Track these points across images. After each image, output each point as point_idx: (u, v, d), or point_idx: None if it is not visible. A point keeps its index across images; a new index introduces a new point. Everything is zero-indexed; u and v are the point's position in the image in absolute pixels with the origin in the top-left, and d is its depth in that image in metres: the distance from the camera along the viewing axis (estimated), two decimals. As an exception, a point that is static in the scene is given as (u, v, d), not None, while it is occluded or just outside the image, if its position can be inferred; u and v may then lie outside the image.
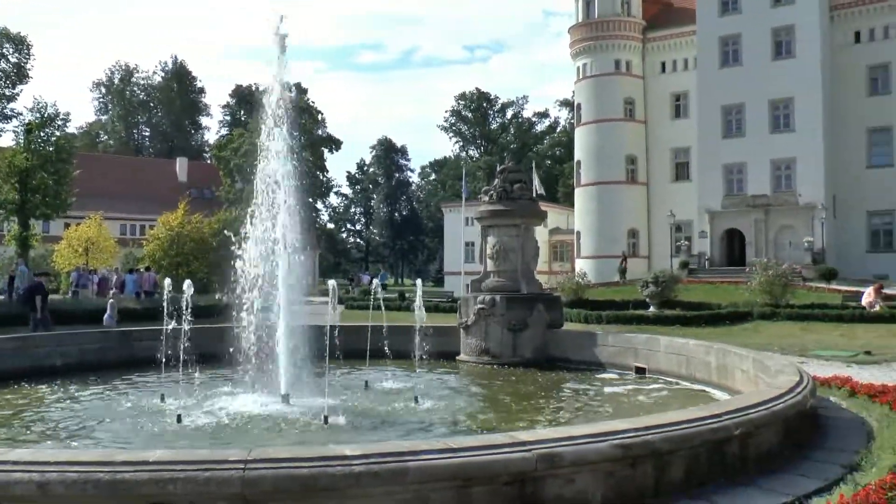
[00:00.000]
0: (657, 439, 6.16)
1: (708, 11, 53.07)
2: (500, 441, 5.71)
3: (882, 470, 6.64)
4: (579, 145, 61.07)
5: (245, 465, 4.94)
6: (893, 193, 50.20)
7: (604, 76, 58.93)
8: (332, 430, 9.21)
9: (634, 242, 58.62)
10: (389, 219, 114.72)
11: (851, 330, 24.46)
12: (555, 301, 17.49)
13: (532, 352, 15.93)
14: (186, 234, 42.66)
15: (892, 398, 10.03)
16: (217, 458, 5.10)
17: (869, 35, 52.28)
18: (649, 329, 23.86)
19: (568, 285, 35.66)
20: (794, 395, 8.24)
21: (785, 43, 50.64)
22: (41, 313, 21.73)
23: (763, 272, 31.27)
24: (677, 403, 10.82)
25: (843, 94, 51.50)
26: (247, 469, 4.91)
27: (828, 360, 17.84)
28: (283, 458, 5.11)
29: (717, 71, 52.42)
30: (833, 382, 11.79)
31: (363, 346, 14.16)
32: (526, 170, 26.91)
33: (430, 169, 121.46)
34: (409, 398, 11.32)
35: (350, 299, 40.25)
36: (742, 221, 50.68)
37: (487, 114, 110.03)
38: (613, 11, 59.01)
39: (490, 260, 17.12)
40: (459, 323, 16.68)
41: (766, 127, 50.58)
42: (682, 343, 14.07)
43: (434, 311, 30.26)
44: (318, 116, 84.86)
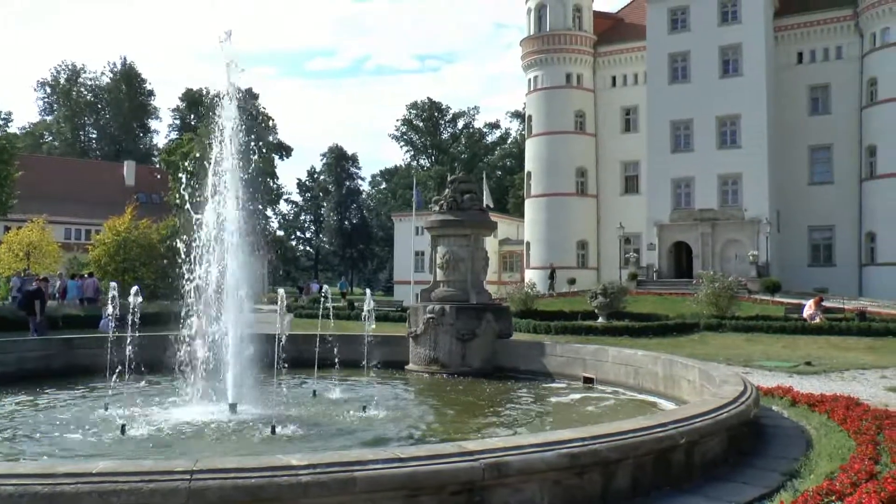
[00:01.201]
0: (604, 448, 6.23)
1: (658, 28, 53.97)
2: (448, 451, 5.72)
3: (819, 477, 6.81)
4: (530, 157, 61.51)
5: (191, 476, 4.86)
6: (833, 210, 51.65)
7: (555, 89, 59.49)
8: (279, 440, 9.13)
9: (584, 254, 59.16)
10: (339, 227, 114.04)
11: (793, 341, 25.03)
12: (504, 311, 17.55)
13: (481, 361, 15.97)
14: (133, 240, 41.88)
15: (830, 407, 10.29)
16: (162, 468, 5.02)
17: (810, 56, 53.86)
18: (598, 340, 24.10)
19: (517, 296, 35.90)
20: (738, 405, 8.40)
21: (732, 61, 51.70)
22: (40, 317, 21.94)
23: (710, 284, 31.86)
24: (624, 413, 10.94)
25: (787, 113, 52.85)
26: (193, 480, 4.84)
27: (771, 371, 18.20)
28: (230, 468, 5.04)
29: (666, 87, 53.26)
30: (776, 392, 12.04)
31: (312, 356, 14.05)
32: (476, 180, 27.07)
33: (380, 178, 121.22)
34: (357, 408, 11.26)
35: (299, 308, 39.93)
36: (689, 234, 51.50)
37: (439, 124, 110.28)
38: (565, 25, 59.64)
39: (440, 270, 17.13)
40: (409, 332, 16.65)
41: (714, 142, 51.52)
42: (630, 353, 14.22)
43: (383, 321, 30.25)
44: (269, 123, 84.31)
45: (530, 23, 61.40)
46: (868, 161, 50.73)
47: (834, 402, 10.62)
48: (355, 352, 14.34)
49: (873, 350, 23.07)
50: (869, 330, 25.92)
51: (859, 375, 17.64)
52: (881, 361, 20.36)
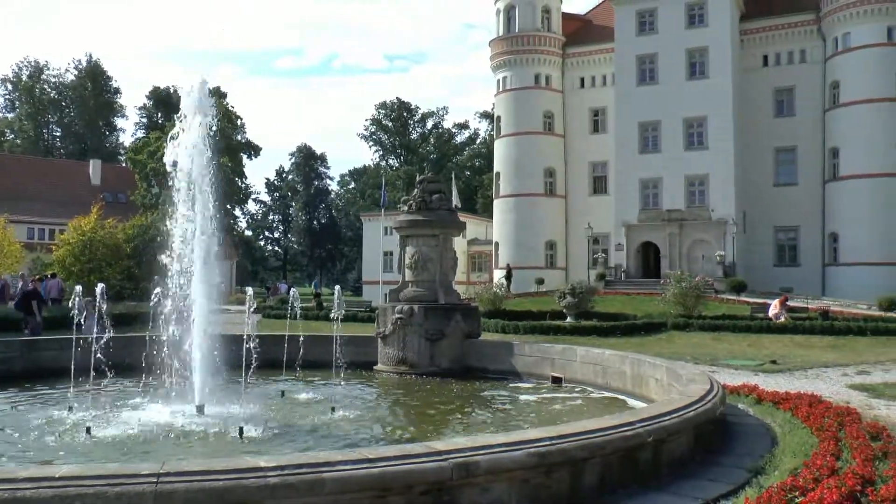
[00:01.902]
0: (572, 447, 6.26)
1: (626, 30, 54.35)
2: (416, 451, 5.71)
3: (783, 473, 6.91)
4: (499, 157, 61.62)
5: (158, 479, 4.80)
6: (798, 210, 52.38)
7: (524, 90, 59.67)
8: (247, 442, 9.05)
9: (552, 254, 59.40)
10: (308, 227, 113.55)
11: (759, 340, 25.37)
12: (473, 311, 17.56)
13: (450, 362, 15.97)
14: (99, 240, 41.35)
15: (794, 405, 10.44)
16: (128, 471, 4.94)
17: (775, 59, 54.61)
18: (566, 339, 24.20)
19: (486, 296, 35.96)
20: (704, 403, 8.48)
21: (699, 63, 52.22)
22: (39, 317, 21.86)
23: (677, 284, 32.14)
24: (592, 412, 11.01)
25: (753, 115, 53.50)
26: (159, 483, 4.77)
27: (737, 369, 18.41)
28: (197, 471, 4.99)
29: (634, 88, 53.64)
30: (741, 390, 12.19)
31: (280, 356, 13.97)
32: (445, 181, 26.99)
33: (349, 177, 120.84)
34: (325, 408, 11.21)
35: (267, 308, 39.69)
36: (657, 235, 51.92)
37: (408, 124, 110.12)
38: (534, 27, 59.83)
39: (408, 270, 17.11)
40: (377, 333, 16.61)
41: (681, 144, 51.99)
42: (598, 353, 14.30)
43: (352, 321, 30.16)
44: (238, 121, 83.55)
45: (499, 24, 61.51)
46: (831, 163, 51.49)
47: (798, 400, 10.77)
48: (324, 352, 14.28)
49: (835, 348, 23.45)
50: (832, 329, 26.37)
51: (822, 373, 17.91)
52: (843, 359, 20.69)
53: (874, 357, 21.08)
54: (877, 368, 18.72)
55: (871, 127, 48.89)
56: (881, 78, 49.31)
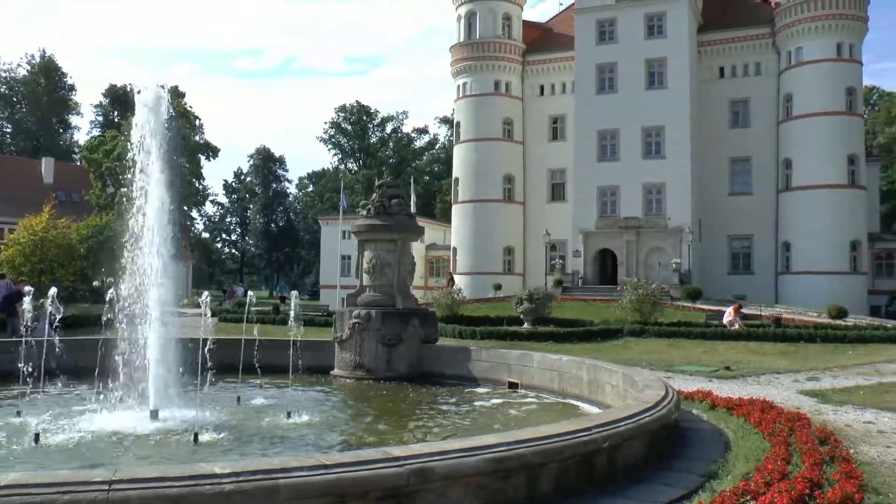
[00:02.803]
0: (528, 453, 6.28)
1: (586, 39, 54.81)
2: (372, 457, 5.68)
3: (736, 478, 7.03)
4: (458, 163, 61.69)
5: (110, 487, 4.71)
6: (752, 219, 53.25)
7: (483, 96, 59.82)
8: (202, 447, 8.96)
9: (510, 260, 59.58)
10: (266, 230, 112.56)
11: (713, 347, 25.73)
12: (430, 316, 17.57)
13: (407, 367, 15.95)
14: (51, 240, 40.51)
15: (746, 410, 10.63)
16: (79, 479, 4.84)
17: (731, 71, 55.55)
18: (523, 345, 24.26)
19: (443, 301, 35.95)
20: (659, 409, 8.57)
21: (657, 73, 52.85)
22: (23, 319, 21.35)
23: (633, 291, 32.48)
24: (548, 417, 11.06)
25: (709, 125, 54.29)
26: (111, 490, 4.68)
27: (692, 375, 18.64)
28: (150, 477, 4.91)
29: (593, 96, 54.09)
30: (696, 396, 12.36)
31: (236, 361, 13.83)
32: (404, 185, 27.06)
33: (308, 180, 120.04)
34: (281, 413, 11.13)
35: (223, 311, 39.26)
36: (614, 242, 52.38)
37: (367, 127, 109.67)
38: (494, 33, 60.04)
39: (366, 274, 17.07)
40: (334, 337, 16.54)
41: (639, 152, 52.51)
42: (555, 359, 14.38)
43: (309, 325, 29.89)
44: (196, 122, 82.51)
45: (460, 30, 61.62)
46: (784, 173, 52.45)
47: (750, 406, 10.96)
48: (280, 357, 14.18)
49: (787, 355, 23.88)
50: (784, 336, 26.86)
51: (774, 379, 18.21)
52: (794, 366, 21.07)
53: (824, 363, 21.50)
54: (826, 375, 19.09)
55: (821, 139, 49.93)
56: (831, 92, 50.44)
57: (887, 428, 11.67)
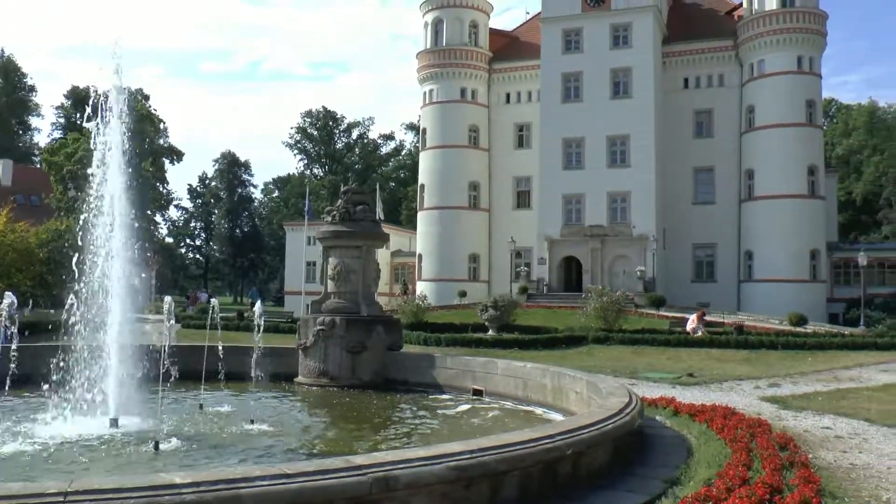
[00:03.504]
0: (492, 460, 6.27)
1: (552, 48, 55.16)
2: (335, 465, 5.63)
3: (698, 483, 7.09)
4: (423, 169, 61.70)
5: (65, 498, 4.59)
6: (715, 228, 53.90)
7: (450, 103, 59.92)
8: (163, 456, 8.82)
9: (475, 267, 59.65)
10: (230, 235, 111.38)
11: (677, 353, 25.97)
12: (394, 323, 17.54)
13: (371, 374, 15.89)
14: (9, 244, 39.72)
15: (709, 417, 10.74)
16: (33, 490, 4.72)
17: (695, 82, 56.29)
18: (488, 352, 24.32)
19: (408, 308, 35.88)
20: (623, 416, 8.61)
21: (622, 83, 53.33)
22: None
23: (598, 299, 32.70)
24: (513, 425, 11.07)
25: (673, 135, 54.91)
26: (67, 502, 4.57)
27: (655, 382, 18.79)
28: (108, 488, 4.79)
29: (559, 105, 54.43)
30: (659, 403, 12.46)
31: (199, 367, 13.68)
32: (369, 191, 26.94)
33: (273, 185, 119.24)
34: (244, 421, 11.01)
35: (187, 318, 38.86)
36: (579, 250, 52.67)
37: (333, 133, 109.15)
38: (461, 41, 60.22)
39: (331, 281, 17.00)
40: (298, 344, 16.43)
41: (604, 161, 52.92)
42: (520, 366, 14.40)
43: (273, 332, 29.74)
44: (160, 125, 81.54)
45: (427, 36, 61.71)
46: (747, 183, 53.19)
47: (713, 412, 11.07)
48: (244, 364, 14.03)
49: (749, 362, 24.17)
50: (746, 343, 27.22)
51: (736, 386, 18.43)
52: (756, 372, 21.34)
53: (784, 370, 21.82)
54: (787, 381, 19.37)
55: (782, 150, 50.77)
56: (792, 104, 51.35)
57: (844, 433, 11.88)
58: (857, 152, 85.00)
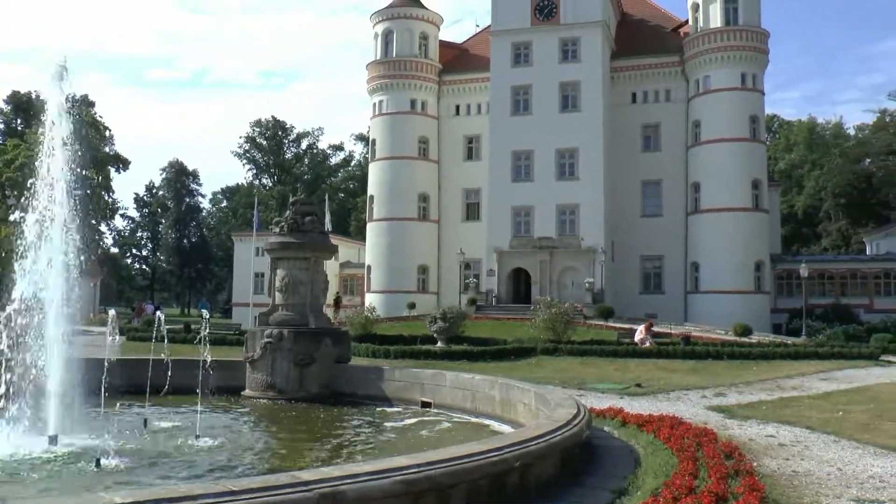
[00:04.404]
0: (439, 474, 6.23)
1: (501, 61, 55.50)
2: (281, 482, 5.54)
3: (645, 493, 7.13)
4: (373, 180, 61.50)
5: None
6: (662, 240, 54.64)
7: (399, 114, 59.87)
8: (104, 474, 8.61)
9: (424, 278, 59.52)
10: (178, 245, 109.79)
11: (625, 364, 26.21)
12: (343, 335, 17.45)
13: (319, 387, 15.76)
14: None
15: (656, 427, 10.83)
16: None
17: (643, 97, 57.12)
18: (437, 364, 24.29)
19: (357, 320, 35.68)
20: (571, 428, 8.65)
21: (571, 97, 53.82)
22: None
23: (547, 310, 32.86)
24: (460, 437, 11.04)
25: (622, 148, 55.58)
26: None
27: (604, 393, 18.92)
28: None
29: (508, 118, 54.72)
30: (607, 413, 12.56)
31: (144, 381, 13.40)
32: (318, 202, 26.76)
33: (221, 195, 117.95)
34: (189, 436, 10.81)
35: (132, 330, 38.15)
36: (528, 261, 52.92)
37: (282, 143, 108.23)
38: (411, 52, 60.27)
39: (279, 293, 16.85)
40: (246, 357, 16.23)
41: (553, 174, 53.28)
42: (468, 378, 14.40)
43: (221, 344, 29.29)
44: (106, 133, 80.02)
45: (377, 47, 61.62)
46: (693, 196, 54.05)
47: (660, 422, 11.18)
48: (190, 377, 13.78)
49: (696, 372, 24.49)
50: (693, 353, 27.59)
51: (683, 395, 18.66)
52: (702, 382, 21.62)
53: (730, 380, 22.15)
54: (732, 391, 19.67)
55: (728, 164, 51.74)
56: (736, 119, 52.38)
57: (787, 441, 12.09)
58: (798, 167, 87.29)
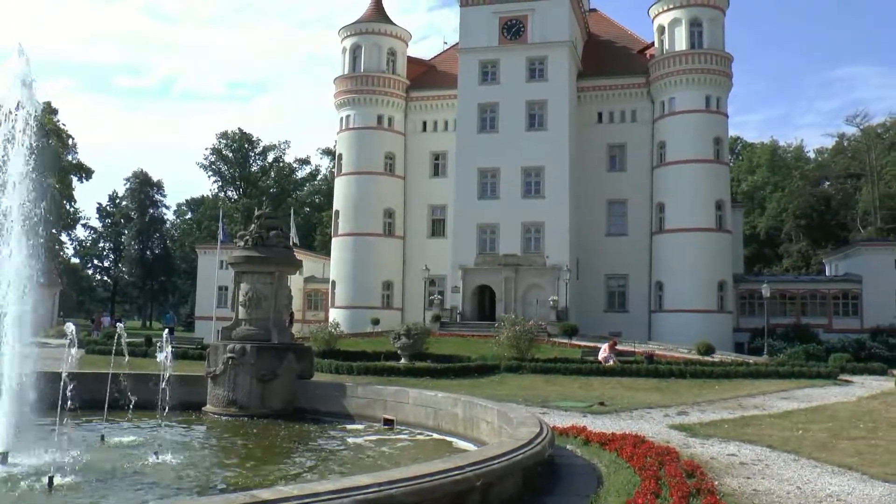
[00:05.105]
0: (400, 493, 6.17)
1: (469, 79, 55.78)
2: (239, 501, 5.45)
3: (607, 514, 7.12)
4: (339, 195, 61.30)
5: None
6: (627, 259, 55.06)
7: (366, 129, 59.81)
8: (56, 494, 8.42)
9: (389, 294, 59.33)
10: (140, 257, 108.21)
11: (589, 382, 26.30)
12: (306, 351, 17.31)
13: (281, 403, 15.61)
14: None
15: (619, 445, 10.87)
16: None
17: (609, 117, 57.67)
18: (400, 381, 24.18)
19: (320, 335, 35.46)
20: (533, 446, 8.63)
21: (538, 115, 54.19)
22: None
23: (511, 327, 32.88)
24: (423, 455, 10.99)
25: (587, 167, 56.00)
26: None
27: (567, 411, 18.94)
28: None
29: (475, 135, 54.93)
30: (570, 432, 12.56)
31: (102, 396, 13.17)
32: (284, 216, 26.67)
33: (186, 207, 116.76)
34: (148, 453, 10.62)
35: (92, 343, 37.52)
36: (493, 278, 53.03)
37: (249, 155, 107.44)
38: (379, 68, 60.33)
39: (242, 307, 16.69)
40: (207, 372, 16.02)
41: (519, 192, 53.54)
42: (431, 395, 14.34)
43: (182, 359, 28.94)
44: (69, 141, 78.86)
45: (345, 62, 61.59)
46: (658, 216, 54.55)
47: (623, 441, 11.21)
48: (150, 392, 13.56)
49: (659, 390, 24.63)
50: (656, 371, 27.79)
51: (646, 414, 18.72)
52: (665, 400, 21.74)
53: (693, 398, 22.30)
54: (695, 409, 19.79)
55: (692, 185, 52.35)
56: (700, 141, 53.07)
57: (748, 460, 12.17)
58: (760, 188, 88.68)
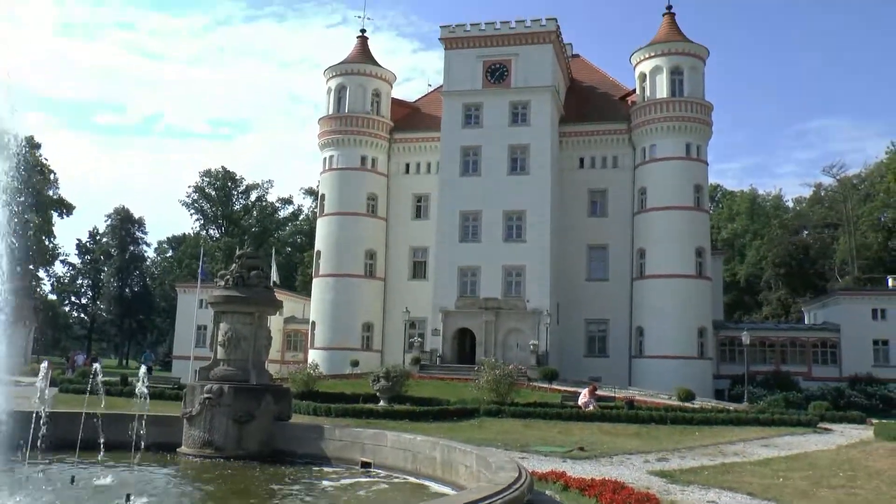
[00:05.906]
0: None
1: (452, 122, 56.26)
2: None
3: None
4: (320, 235, 61.23)
5: None
6: (607, 304, 55.17)
7: (349, 170, 59.96)
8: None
9: (369, 336, 59.02)
10: (119, 295, 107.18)
11: (568, 427, 26.20)
12: (284, 393, 17.13)
13: (258, 445, 15.42)
14: None
15: (598, 491, 10.80)
16: None
17: (591, 162, 58.17)
18: (378, 423, 24.01)
19: (299, 376, 35.21)
20: (512, 491, 8.56)
21: (520, 160, 54.62)
22: None
23: (491, 371, 32.79)
24: (399, 499, 10.87)
25: (569, 212, 56.39)
26: None
27: (546, 456, 18.83)
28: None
29: (457, 178, 55.22)
30: (550, 477, 12.48)
31: (75, 436, 12.95)
32: (265, 256, 26.59)
33: (167, 245, 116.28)
34: (120, 496, 10.43)
35: (66, 381, 37.00)
36: (474, 322, 52.92)
37: (231, 194, 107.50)
38: (363, 109, 60.70)
39: (221, 347, 16.56)
40: (183, 413, 15.81)
41: (501, 235, 53.73)
42: (409, 438, 14.22)
43: (159, 399, 28.66)
44: (50, 176, 78.50)
45: (329, 102, 61.90)
46: (639, 262, 54.83)
47: (602, 486, 11.14)
48: (124, 432, 13.37)
49: (639, 436, 24.57)
50: (636, 417, 27.73)
51: (626, 460, 18.64)
52: (645, 446, 21.66)
53: (673, 444, 22.25)
54: (675, 455, 19.73)
55: (672, 231, 52.78)
56: (680, 188, 53.64)
57: (728, 508, 12.11)
58: (740, 236, 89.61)
